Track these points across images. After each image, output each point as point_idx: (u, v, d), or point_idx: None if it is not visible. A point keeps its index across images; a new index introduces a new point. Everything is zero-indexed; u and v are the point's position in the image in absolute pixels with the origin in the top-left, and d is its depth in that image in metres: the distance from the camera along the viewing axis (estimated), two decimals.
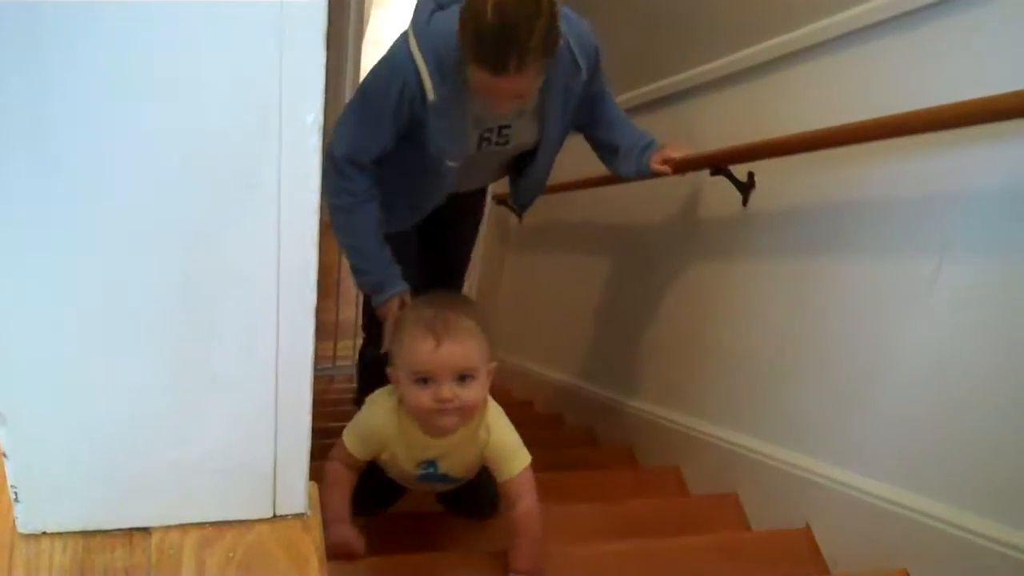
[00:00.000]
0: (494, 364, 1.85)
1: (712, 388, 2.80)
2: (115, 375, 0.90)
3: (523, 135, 2.53)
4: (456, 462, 1.94)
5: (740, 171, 2.56)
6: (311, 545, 1.00)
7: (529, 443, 1.92)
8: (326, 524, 1.66)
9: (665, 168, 2.58)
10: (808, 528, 2.24)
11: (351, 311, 4.84)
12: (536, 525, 1.89)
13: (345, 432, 1.94)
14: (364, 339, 3.17)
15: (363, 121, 2.38)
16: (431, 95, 2.28)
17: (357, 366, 3.41)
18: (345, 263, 2.59)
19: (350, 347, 5.05)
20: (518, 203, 2.87)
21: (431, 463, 1.93)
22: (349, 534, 1.83)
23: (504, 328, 2.69)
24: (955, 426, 1.85)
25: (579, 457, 3.24)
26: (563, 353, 4.07)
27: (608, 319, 3.58)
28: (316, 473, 1.04)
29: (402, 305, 2.54)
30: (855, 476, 2.10)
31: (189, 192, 0.84)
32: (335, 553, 1.76)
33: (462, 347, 1.75)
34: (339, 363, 5.14)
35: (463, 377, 1.76)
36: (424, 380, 1.76)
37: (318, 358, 5.81)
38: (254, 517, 1.01)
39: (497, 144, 2.51)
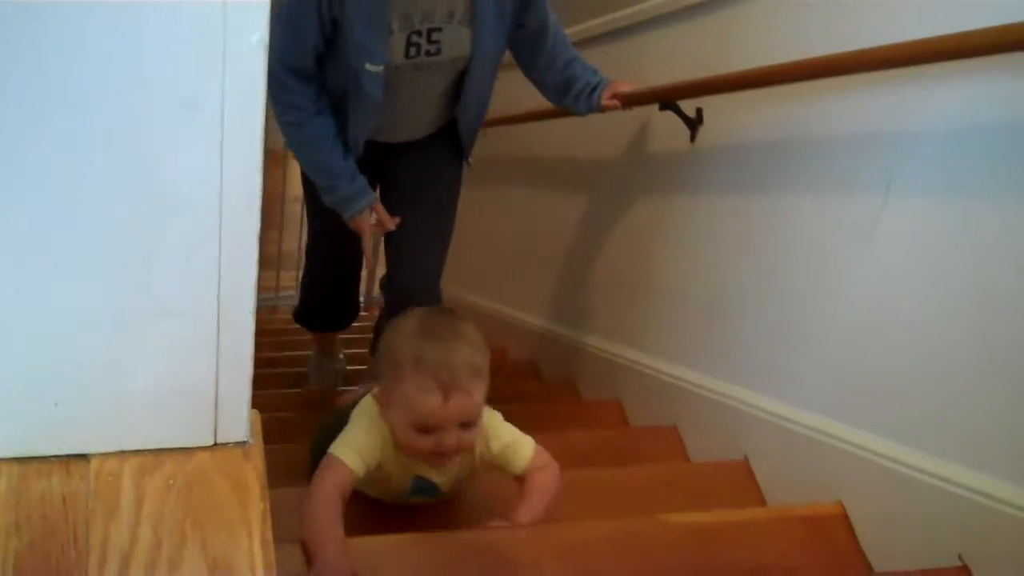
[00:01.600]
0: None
1: (654, 322, 2.82)
2: (51, 300, 0.89)
3: (456, 44, 2.38)
4: (452, 475, 1.87)
5: (689, 107, 2.56)
6: (252, 473, 0.99)
7: None
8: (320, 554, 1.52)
9: (614, 103, 2.56)
10: (746, 460, 2.27)
11: (295, 242, 4.81)
12: (555, 486, 1.83)
13: (339, 451, 1.72)
14: (306, 261, 3.06)
15: (289, 21, 2.26)
16: None
17: (300, 288, 3.18)
18: (290, 191, 2.54)
19: (293, 278, 5.03)
20: (460, 130, 2.67)
21: (426, 479, 1.86)
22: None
23: (449, 262, 2.66)
24: (891, 361, 1.88)
25: (522, 389, 3.26)
26: (507, 287, 4.07)
27: (553, 254, 3.59)
28: (258, 402, 1.03)
29: (376, 221, 2.50)
30: (792, 409, 2.14)
31: (127, 110, 0.82)
32: None
33: (471, 398, 1.65)
34: (282, 293, 5.12)
35: (469, 423, 1.68)
36: (428, 430, 1.66)
37: (261, 288, 5.83)
38: (195, 445, 1.00)
39: (428, 54, 2.35)
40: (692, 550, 1.86)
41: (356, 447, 1.73)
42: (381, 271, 3.21)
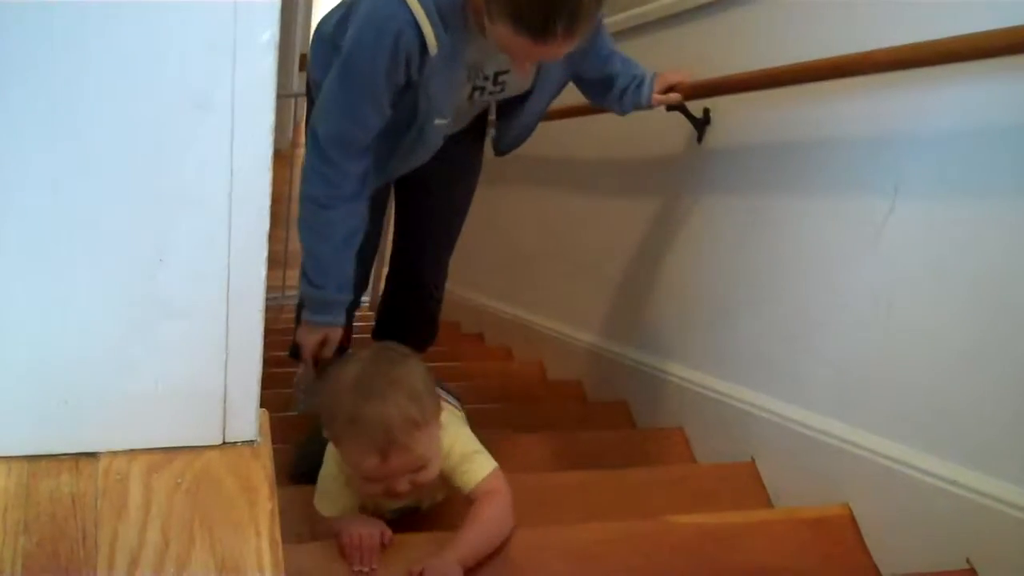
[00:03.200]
0: (442, 409, 1.72)
1: (661, 323, 2.82)
2: (62, 297, 0.89)
3: (520, 82, 2.18)
4: (424, 496, 1.86)
5: (696, 108, 2.56)
6: (261, 472, 1.00)
7: (481, 374, 1.91)
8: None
9: (669, 97, 2.34)
10: (752, 462, 2.27)
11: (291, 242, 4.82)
12: (502, 517, 1.70)
13: (317, 503, 1.79)
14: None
15: (351, 94, 1.97)
16: (433, 48, 1.87)
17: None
18: (295, 191, 2.30)
19: (279, 277, 5.06)
20: (500, 148, 2.46)
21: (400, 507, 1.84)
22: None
23: (455, 260, 2.65)
24: (899, 363, 1.87)
25: (527, 390, 3.26)
26: (512, 287, 4.07)
27: (558, 254, 3.59)
28: (268, 401, 1.03)
29: (324, 342, 2.21)
30: (799, 411, 2.13)
31: (138, 110, 0.82)
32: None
33: (412, 453, 1.58)
34: (288, 292, 5.12)
35: (418, 469, 1.62)
36: (375, 480, 1.62)
37: (268, 288, 5.78)
38: (203, 444, 1.00)
39: (491, 94, 2.18)
40: (698, 552, 1.86)
41: (330, 496, 1.78)
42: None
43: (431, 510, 1.94)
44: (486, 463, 1.75)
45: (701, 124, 2.58)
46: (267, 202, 0.88)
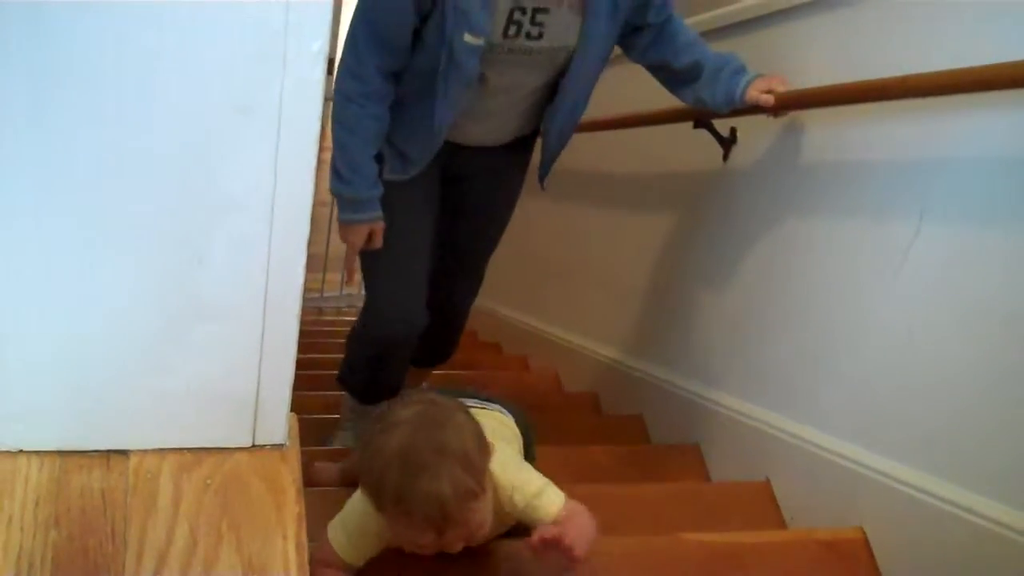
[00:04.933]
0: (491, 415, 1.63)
1: (680, 340, 2.82)
2: (101, 296, 0.90)
3: (560, 32, 2.08)
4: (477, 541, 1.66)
5: (723, 126, 2.56)
6: (289, 476, 1.01)
7: (496, 383, 1.89)
8: None
9: (768, 98, 2.12)
10: (767, 482, 2.27)
11: (342, 245, 4.82)
12: (592, 530, 1.57)
13: (331, 530, 1.58)
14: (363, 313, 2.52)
15: None
16: None
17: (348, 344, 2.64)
18: (318, 195, 2.29)
19: (338, 280, 5.07)
20: (543, 163, 2.39)
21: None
22: None
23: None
24: (919, 390, 1.87)
25: (543, 401, 3.25)
26: (531, 298, 4.08)
27: (579, 267, 3.59)
28: (297, 404, 1.04)
29: (370, 238, 2.22)
30: (817, 433, 2.13)
31: (185, 114, 0.83)
32: None
33: (468, 526, 1.46)
34: (327, 294, 5.16)
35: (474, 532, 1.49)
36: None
37: (306, 289, 5.76)
38: (233, 445, 1.01)
39: (528, 36, 2.05)
40: (709, 570, 1.86)
41: (353, 539, 1.58)
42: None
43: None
44: (556, 494, 1.61)
45: (727, 143, 2.58)
46: (308, 209, 0.89)
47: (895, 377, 1.93)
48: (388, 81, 2.12)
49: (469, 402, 1.87)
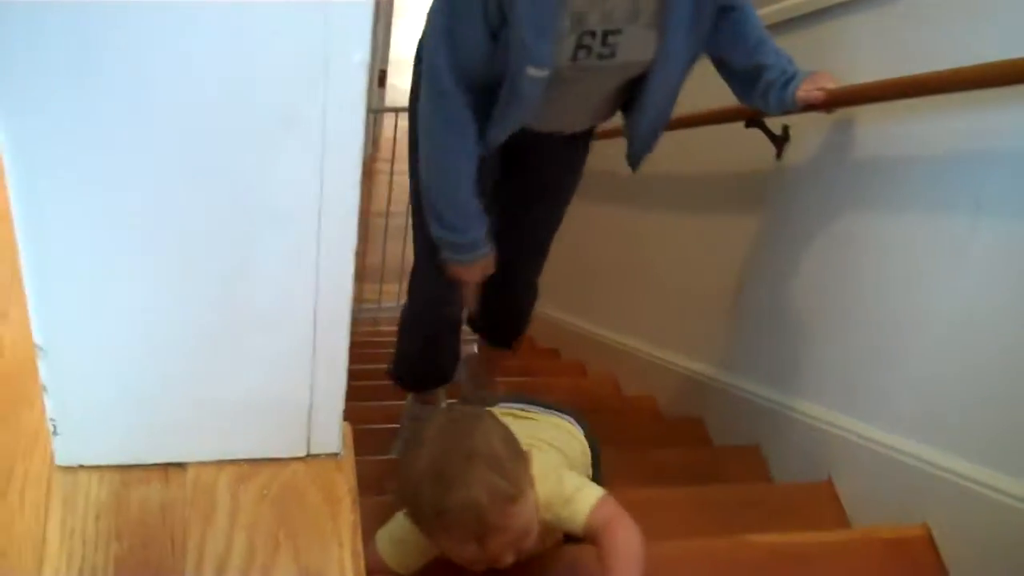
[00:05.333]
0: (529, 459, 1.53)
1: (737, 340, 2.80)
2: (150, 310, 0.91)
3: (635, 49, 1.94)
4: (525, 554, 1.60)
5: (775, 124, 2.54)
6: (344, 484, 1.01)
7: (554, 389, 1.88)
8: None
9: (818, 95, 2.06)
10: (830, 481, 2.25)
11: (398, 256, 4.85)
12: (636, 546, 1.49)
13: (380, 539, 1.63)
14: (410, 297, 2.54)
15: (452, 19, 1.88)
16: None
17: (399, 336, 2.68)
18: (374, 206, 2.27)
19: (376, 291, 5.09)
20: (632, 151, 2.26)
21: None
22: None
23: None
24: (982, 384, 1.85)
25: (601, 405, 3.25)
26: (586, 302, 4.08)
27: (633, 269, 3.58)
28: (356, 415, 1.04)
29: (485, 270, 2.17)
30: (879, 431, 2.11)
31: (231, 128, 0.83)
32: None
33: (509, 531, 1.41)
34: (366, 306, 5.18)
35: (521, 539, 1.45)
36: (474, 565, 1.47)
37: (363, 300, 5.74)
38: (288, 455, 1.02)
39: (600, 57, 1.92)
40: (775, 571, 1.85)
41: (403, 548, 1.61)
42: None
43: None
44: (590, 493, 1.55)
45: (780, 141, 2.56)
46: (355, 218, 0.89)
47: (957, 372, 1.90)
48: (475, 115, 1.99)
49: (531, 409, 1.87)
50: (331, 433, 1.02)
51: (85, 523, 0.93)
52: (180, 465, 0.99)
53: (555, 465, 1.66)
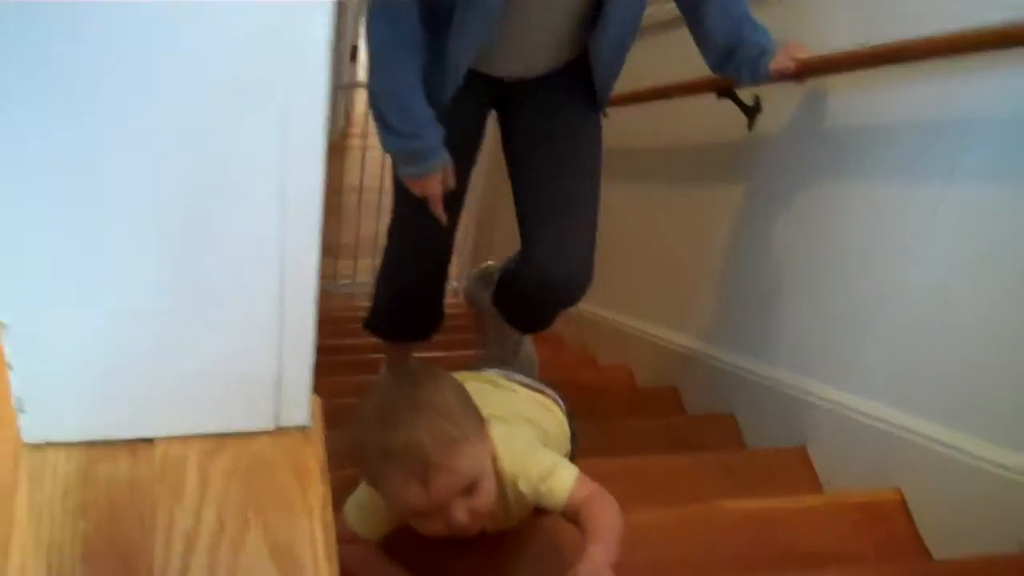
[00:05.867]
0: (487, 423, 1.53)
1: (711, 309, 2.81)
2: (117, 284, 0.90)
3: None
4: (492, 525, 1.62)
5: (747, 95, 2.54)
6: (313, 457, 1.01)
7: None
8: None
9: (789, 64, 2.08)
10: (804, 447, 2.26)
11: (372, 231, 4.82)
12: (616, 518, 1.47)
13: (347, 507, 1.59)
14: (388, 251, 2.49)
15: None
16: None
17: (376, 285, 2.65)
18: (347, 182, 2.18)
19: (350, 267, 5.08)
20: (598, 91, 2.22)
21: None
22: None
23: (500, 245, 2.65)
24: (953, 349, 1.86)
25: (577, 376, 3.26)
26: None
27: (609, 243, 3.58)
28: (331, 389, 1.04)
29: (444, 181, 2.10)
30: (852, 397, 2.12)
31: (188, 99, 0.82)
32: None
33: (455, 472, 1.39)
34: (340, 281, 5.18)
35: (469, 489, 1.42)
36: (426, 512, 1.43)
37: (338, 276, 5.73)
38: (257, 429, 1.01)
39: None
40: (748, 536, 1.86)
41: (367, 511, 1.58)
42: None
43: (492, 541, 1.71)
44: (567, 472, 1.54)
45: (752, 112, 2.56)
46: (321, 189, 0.88)
47: (929, 338, 1.91)
48: (419, 20, 1.97)
49: (515, 379, 1.88)
50: (300, 406, 1.02)
51: (52, 500, 0.93)
52: (148, 441, 0.99)
53: (529, 439, 1.65)
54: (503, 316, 2.53)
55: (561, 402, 1.92)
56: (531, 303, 2.44)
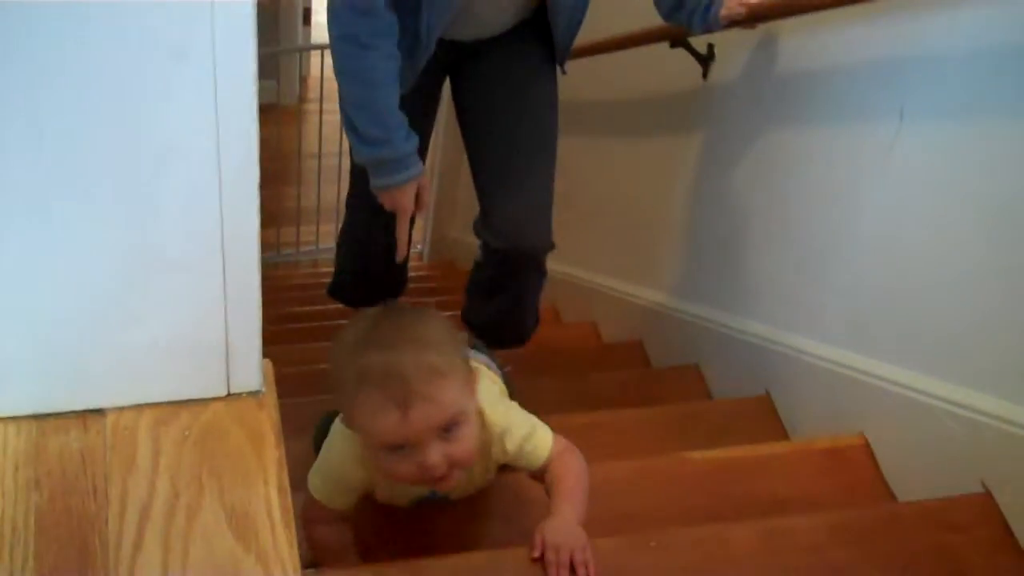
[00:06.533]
0: (474, 364, 1.48)
1: (672, 262, 2.82)
2: (59, 257, 0.89)
3: None
4: (465, 488, 1.60)
5: (700, 43, 2.53)
6: (267, 421, 1.01)
7: None
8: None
9: (740, 11, 2.07)
10: (768, 395, 2.27)
11: (333, 196, 4.78)
12: (585, 475, 1.48)
13: (311, 479, 1.51)
14: (346, 221, 2.50)
15: None
16: None
17: (336, 251, 2.63)
18: (305, 147, 2.09)
19: (313, 232, 5.04)
20: (557, 45, 2.17)
21: (429, 493, 1.58)
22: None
23: (465, 203, 2.63)
24: (907, 289, 1.87)
25: (540, 335, 3.26)
26: None
27: (564, 194, 3.57)
28: (274, 354, 1.03)
29: (418, 197, 2.01)
30: (813, 343, 2.13)
31: (117, 62, 0.81)
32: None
33: (437, 404, 1.29)
34: (303, 248, 5.14)
35: (448, 428, 1.33)
36: (399, 446, 1.32)
37: (282, 244, 5.71)
38: (209, 396, 1.01)
39: None
40: (714, 486, 1.87)
41: (331, 479, 1.51)
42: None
43: (460, 502, 1.66)
44: (545, 431, 1.51)
45: (706, 60, 2.55)
46: (255, 152, 0.88)
47: (885, 279, 1.92)
48: (392, 8, 1.86)
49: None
50: (250, 371, 1.01)
51: (3, 475, 0.92)
52: (99, 411, 0.98)
53: (501, 398, 1.64)
54: (480, 335, 2.47)
55: (497, 368, 1.89)
56: (504, 282, 2.43)
